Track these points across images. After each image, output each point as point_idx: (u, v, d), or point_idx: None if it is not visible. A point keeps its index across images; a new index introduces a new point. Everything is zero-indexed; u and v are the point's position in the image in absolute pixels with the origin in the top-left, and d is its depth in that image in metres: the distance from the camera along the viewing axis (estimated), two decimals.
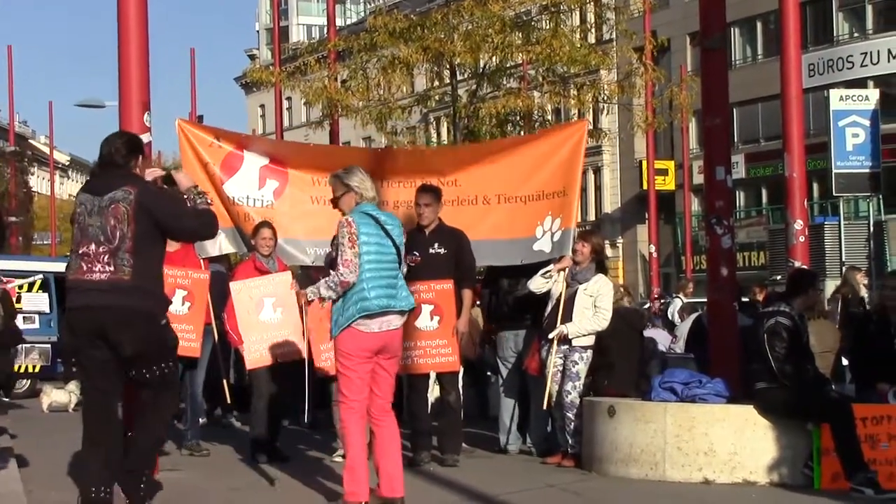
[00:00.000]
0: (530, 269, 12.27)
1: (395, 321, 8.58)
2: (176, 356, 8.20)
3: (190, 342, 11.77)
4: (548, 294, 11.89)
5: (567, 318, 11.70)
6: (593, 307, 11.71)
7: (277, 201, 12.42)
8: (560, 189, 12.45)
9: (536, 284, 11.87)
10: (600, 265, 11.99)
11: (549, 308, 11.89)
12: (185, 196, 8.04)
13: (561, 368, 11.73)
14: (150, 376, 7.94)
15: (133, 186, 7.82)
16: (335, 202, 8.68)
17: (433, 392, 12.88)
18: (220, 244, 12.23)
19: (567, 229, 12.34)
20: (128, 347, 7.75)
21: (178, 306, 11.65)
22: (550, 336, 11.71)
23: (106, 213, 7.80)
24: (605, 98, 29.25)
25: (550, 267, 11.92)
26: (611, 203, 64.02)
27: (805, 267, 13.74)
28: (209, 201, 8.13)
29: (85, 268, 7.83)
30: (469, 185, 12.71)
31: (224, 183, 12.33)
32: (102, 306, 7.73)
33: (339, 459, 11.52)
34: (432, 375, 12.22)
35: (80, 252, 7.87)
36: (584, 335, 11.73)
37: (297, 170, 12.49)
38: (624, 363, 12.22)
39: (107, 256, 7.77)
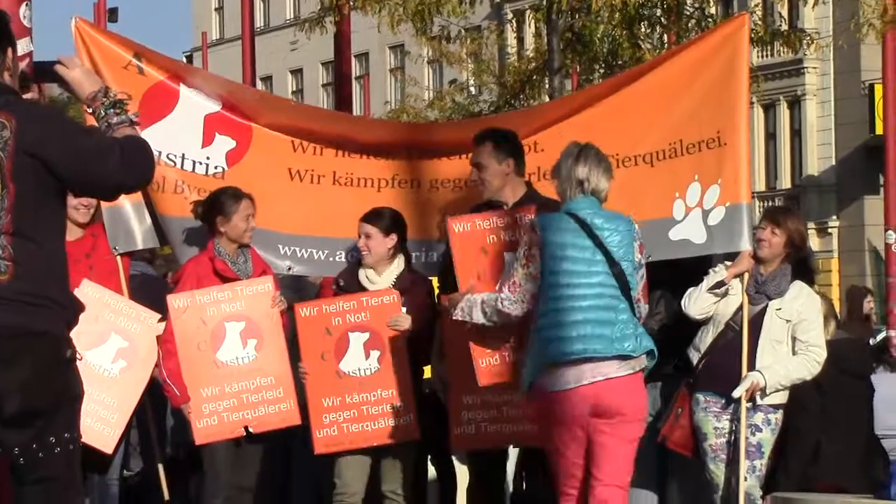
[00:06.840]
0: (664, 273, 8.87)
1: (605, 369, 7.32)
2: (78, 424, 5.72)
3: (105, 425, 8.68)
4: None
5: (751, 357, 8.82)
6: (790, 339, 8.85)
7: (232, 169, 9.65)
8: (712, 135, 9.20)
9: (700, 305, 8.81)
10: (801, 267, 9.09)
11: (707, 338, 8.88)
12: (91, 109, 5.84)
13: (729, 438, 8.88)
14: (44, 455, 5.65)
15: (8, 114, 5.52)
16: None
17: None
18: (146, 231, 9.39)
19: (735, 204, 9.15)
20: (10, 400, 5.58)
21: (105, 362, 8.68)
22: (736, 393, 8.78)
23: None
24: None
25: (720, 271, 8.75)
26: (818, 160, 44.46)
27: None
28: (134, 117, 5.78)
29: None
30: (557, 148, 9.57)
31: (143, 130, 9.33)
32: None
33: None
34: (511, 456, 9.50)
35: None
36: (784, 388, 8.88)
37: (268, 126, 9.68)
38: (838, 435, 9.51)
39: None
